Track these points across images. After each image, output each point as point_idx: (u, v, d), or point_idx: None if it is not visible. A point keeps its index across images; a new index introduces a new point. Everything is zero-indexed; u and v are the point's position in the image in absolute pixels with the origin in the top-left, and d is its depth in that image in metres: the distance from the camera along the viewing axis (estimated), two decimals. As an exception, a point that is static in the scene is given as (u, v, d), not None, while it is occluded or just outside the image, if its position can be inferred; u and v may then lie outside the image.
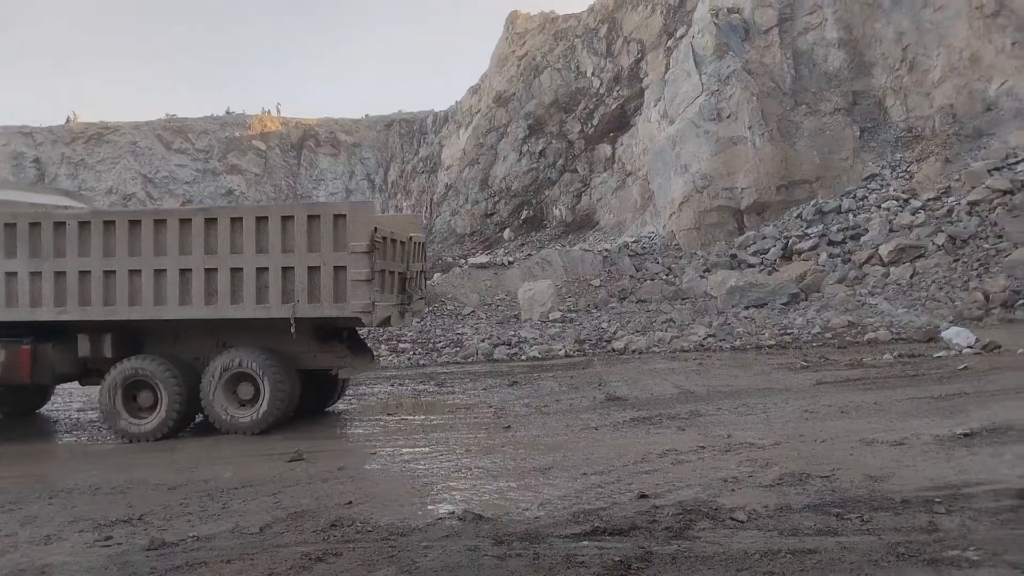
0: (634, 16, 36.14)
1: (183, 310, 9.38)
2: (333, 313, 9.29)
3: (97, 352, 9.80)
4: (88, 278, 9.41)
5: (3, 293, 9.52)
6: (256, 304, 9.28)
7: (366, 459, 8.04)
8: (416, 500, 6.28)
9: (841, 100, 26.77)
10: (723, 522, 5.29)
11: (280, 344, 9.62)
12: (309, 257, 9.18)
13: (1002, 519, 5.06)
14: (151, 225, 9.39)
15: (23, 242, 9.46)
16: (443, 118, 47.25)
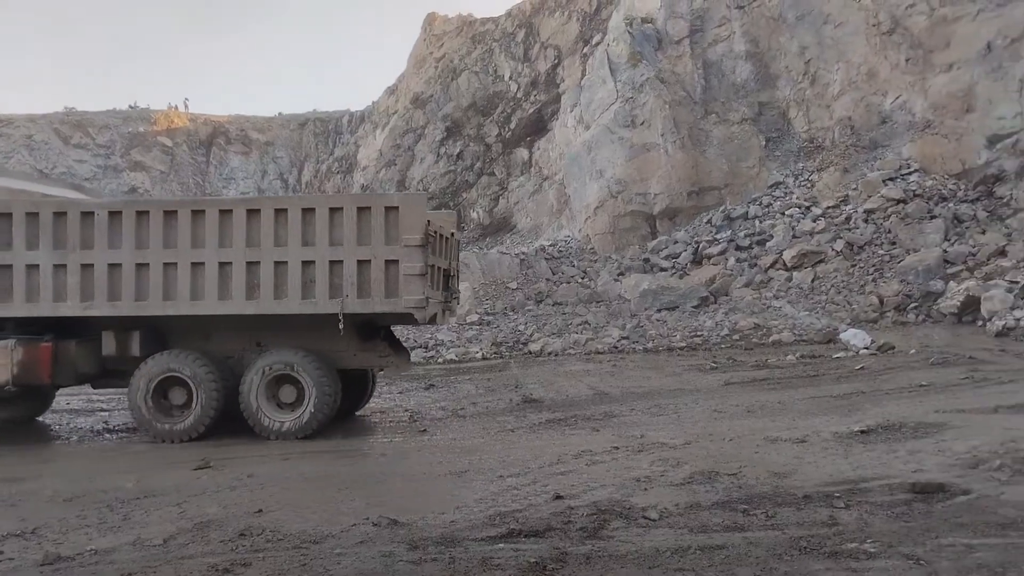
0: (551, 22, 36.55)
1: (222, 305, 8.86)
2: (384, 309, 8.86)
3: (123, 350, 9.20)
4: (118, 271, 8.85)
5: (23, 286, 8.89)
6: (301, 299, 8.81)
7: (277, 465, 7.82)
8: (329, 506, 6.15)
9: (748, 110, 27.74)
10: (636, 521, 5.38)
11: (319, 343, 9.13)
12: (359, 250, 8.76)
13: (896, 512, 5.32)
14: (188, 216, 8.88)
15: (46, 232, 8.85)
16: (359, 118, 46.62)
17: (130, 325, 9.13)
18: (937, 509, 5.32)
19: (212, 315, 8.97)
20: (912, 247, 20.49)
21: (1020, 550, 4.47)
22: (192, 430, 8.99)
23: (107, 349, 9.25)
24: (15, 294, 8.93)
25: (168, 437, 8.99)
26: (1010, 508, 5.20)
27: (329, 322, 8.75)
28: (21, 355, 9.00)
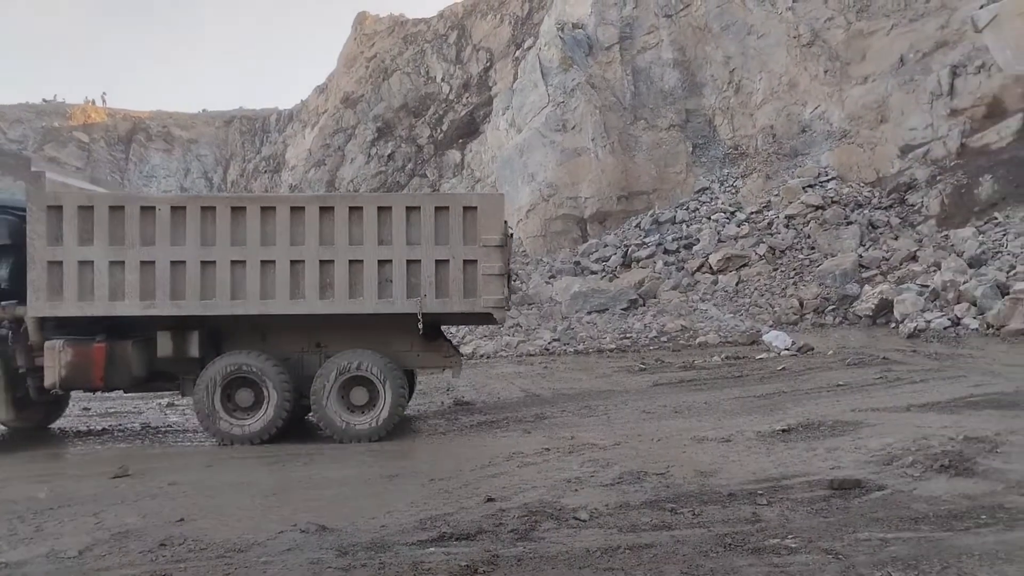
0: (483, 25, 36.63)
1: (294, 305, 8.60)
2: (463, 309, 8.80)
3: (180, 351, 8.76)
4: (181, 269, 8.45)
5: (75, 284, 8.34)
6: (378, 299, 8.64)
7: (200, 473, 7.59)
8: (255, 513, 6.01)
9: (675, 117, 28.34)
10: (566, 522, 5.43)
11: (381, 343, 9.02)
12: (437, 250, 8.68)
13: (816, 508, 5.51)
14: (257, 213, 8.57)
15: (102, 227, 8.37)
16: (288, 117, 45.76)
17: (188, 325, 8.77)
18: (854, 505, 5.53)
19: (270, 315, 8.70)
20: (830, 252, 21.27)
21: (931, 543, 4.68)
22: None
23: (163, 350, 8.80)
24: (66, 292, 8.40)
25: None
26: (922, 503, 5.44)
27: (393, 322, 8.81)
28: (70, 356, 8.50)
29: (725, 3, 28.60)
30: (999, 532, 4.80)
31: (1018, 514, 5.09)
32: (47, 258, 8.35)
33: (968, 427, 7.32)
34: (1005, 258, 17.37)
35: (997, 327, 14.43)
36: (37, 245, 8.35)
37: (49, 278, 8.36)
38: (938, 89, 23.16)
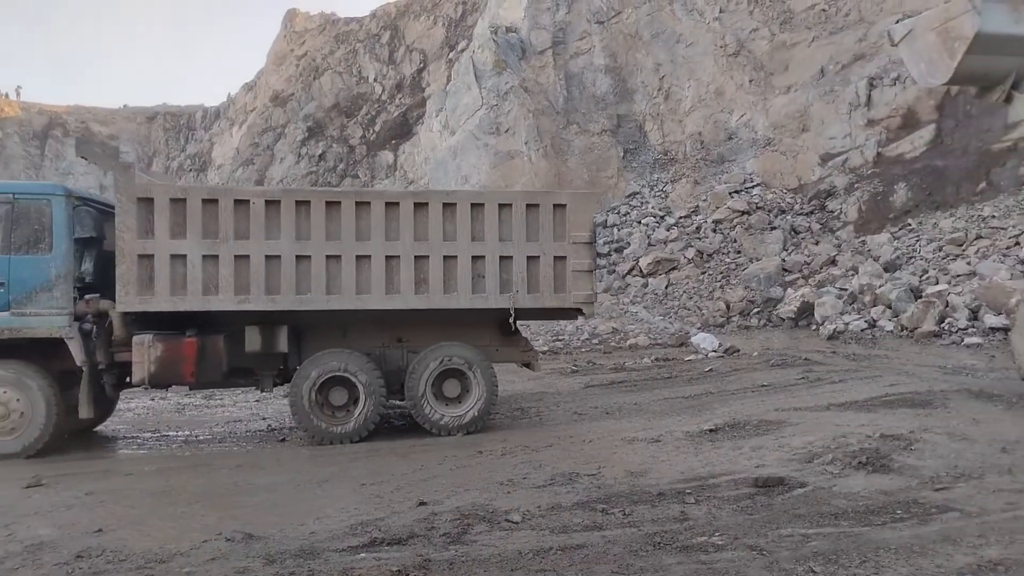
0: (417, 26, 36.45)
1: (389, 300, 8.62)
2: (554, 304, 9.01)
3: (269, 346, 8.61)
4: (276, 263, 8.35)
5: (167, 278, 8.14)
6: (472, 294, 8.75)
7: (119, 481, 7.31)
8: (178, 522, 5.82)
9: (607, 122, 28.75)
10: (499, 524, 5.43)
11: (461, 338, 9.10)
12: (528, 246, 8.85)
13: (741, 506, 5.65)
14: (352, 208, 8.55)
15: (195, 221, 8.20)
16: (214, 114, 44.62)
17: (277, 320, 8.62)
18: (777, 502, 5.69)
19: (351, 310, 8.66)
20: (755, 256, 21.90)
21: (851, 538, 4.85)
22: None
23: (251, 345, 8.58)
24: (157, 286, 8.16)
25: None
26: (841, 499, 5.63)
27: (472, 317, 9.00)
28: (160, 351, 8.22)
29: (655, 11, 29.18)
30: (914, 526, 5.01)
31: (931, 509, 5.32)
32: (137, 251, 8.13)
33: (884, 425, 7.62)
34: (918, 263, 18.19)
35: (910, 329, 15.08)
36: (127, 238, 8.11)
37: (139, 272, 8.15)
38: (856, 100, 24.12)
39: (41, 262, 8.11)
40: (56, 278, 8.14)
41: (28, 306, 8.08)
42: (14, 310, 8.05)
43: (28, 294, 8.08)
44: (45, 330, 8.14)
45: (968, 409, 8.26)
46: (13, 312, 8.05)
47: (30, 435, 8.17)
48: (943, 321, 14.80)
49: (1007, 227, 17.99)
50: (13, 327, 8.06)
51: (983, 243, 17.78)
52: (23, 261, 8.09)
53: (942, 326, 14.69)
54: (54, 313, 8.14)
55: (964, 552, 4.51)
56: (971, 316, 14.66)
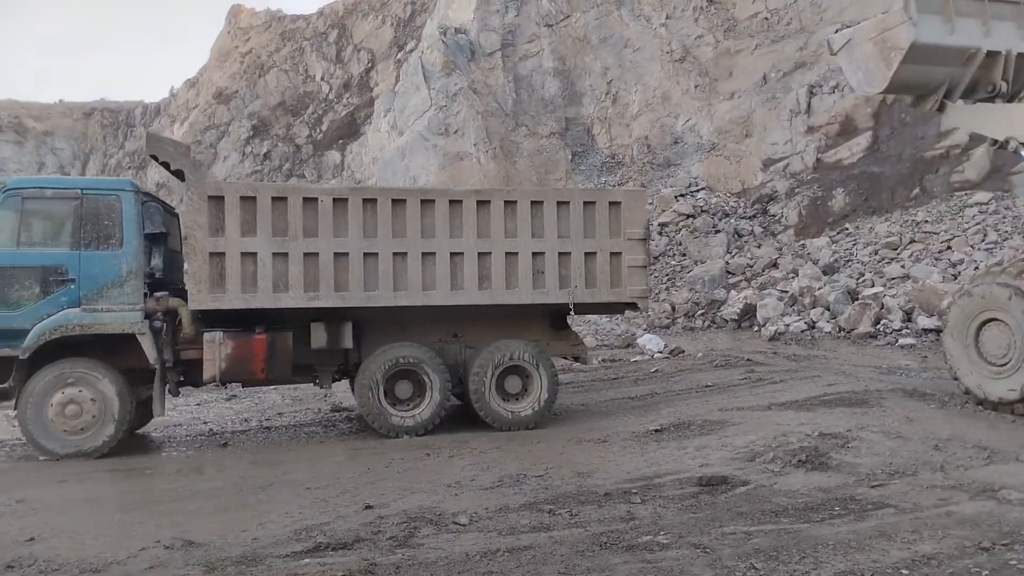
0: (364, 25, 36.13)
1: (453, 296, 8.76)
2: (610, 299, 9.27)
3: (335, 343, 8.64)
4: (344, 261, 8.42)
5: (237, 276, 8.10)
6: (533, 290, 8.94)
7: (52, 489, 7.04)
8: (114, 530, 5.64)
9: (556, 125, 28.93)
10: (446, 527, 5.40)
11: (515, 333, 9.25)
12: (585, 243, 9.07)
13: (686, 504, 5.73)
14: (417, 206, 8.67)
15: (264, 218, 8.19)
16: (155, 110, 43.52)
17: (342, 316, 8.65)
18: (721, 500, 5.79)
19: (410, 307, 8.73)
20: (700, 258, 22.27)
21: (791, 535, 4.96)
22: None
23: (317, 342, 8.58)
24: (228, 284, 8.10)
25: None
26: (782, 497, 5.76)
27: (524, 312, 9.23)
28: (231, 349, 8.21)
29: (603, 16, 29.47)
30: (851, 522, 5.15)
31: (867, 505, 5.47)
32: (208, 249, 8.07)
33: (823, 424, 7.82)
34: (855, 266, 18.74)
35: (847, 330, 15.52)
36: (198, 236, 8.06)
37: (210, 270, 8.08)
38: (797, 107, 24.73)
39: (112, 258, 8.01)
40: (127, 274, 8.04)
41: (99, 302, 7.94)
42: (85, 306, 7.90)
43: (99, 290, 7.95)
44: (118, 326, 8.01)
45: (902, 408, 8.52)
46: (84, 308, 7.90)
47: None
48: (879, 322, 15.26)
49: (939, 232, 18.65)
50: (85, 323, 7.89)
51: (916, 247, 18.41)
52: (94, 257, 7.96)
53: (878, 327, 15.15)
54: (126, 309, 8.02)
55: (899, 547, 4.65)
56: (905, 318, 15.15)
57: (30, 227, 7.99)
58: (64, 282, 7.87)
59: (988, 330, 8.34)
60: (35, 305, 7.81)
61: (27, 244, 7.92)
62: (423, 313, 8.94)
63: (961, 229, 18.23)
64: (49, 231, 8.06)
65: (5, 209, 7.87)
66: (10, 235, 7.87)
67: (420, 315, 8.99)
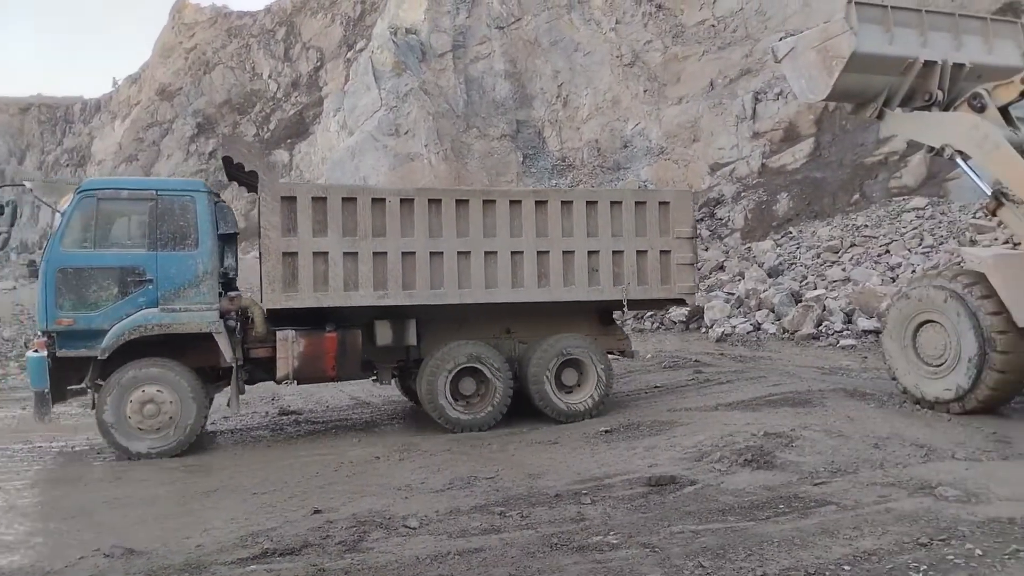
0: (313, 23, 35.68)
1: (514, 293, 9.04)
2: (661, 295, 9.68)
3: (400, 340, 8.92)
4: (411, 260, 8.66)
5: (310, 275, 8.29)
6: (588, 287, 9.28)
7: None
8: (51, 539, 5.46)
9: (507, 127, 28.98)
10: (396, 530, 5.36)
11: (564, 329, 9.55)
12: (637, 241, 9.42)
13: (635, 504, 5.78)
14: (480, 206, 8.95)
15: (335, 219, 8.40)
16: (95, 107, 42.30)
17: (406, 314, 8.90)
18: (669, 500, 5.86)
19: (465, 304, 8.95)
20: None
21: (737, 533, 5.04)
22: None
23: (383, 339, 8.83)
24: (301, 283, 8.30)
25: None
26: (729, 496, 5.85)
27: (573, 309, 9.56)
28: (303, 347, 8.42)
29: (554, 20, 29.63)
30: (795, 520, 5.26)
31: (811, 503, 5.59)
32: (282, 249, 8.25)
33: (768, 424, 7.96)
34: (798, 269, 19.16)
35: (791, 331, 15.85)
36: (272, 236, 8.23)
37: (283, 269, 8.26)
38: (743, 113, 25.21)
39: (188, 258, 8.09)
40: (203, 274, 8.13)
41: (176, 302, 8.03)
42: (163, 306, 7.99)
43: (176, 290, 8.04)
44: (195, 326, 8.09)
45: (843, 407, 8.73)
46: (162, 308, 7.98)
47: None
48: (821, 324, 15.62)
49: (878, 236, 19.18)
50: (164, 323, 7.97)
51: (857, 251, 18.90)
52: (170, 258, 8.05)
53: (820, 329, 15.51)
54: (204, 309, 8.12)
55: (841, 544, 4.76)
56: (846, 319, 15.54)
57: (106, 228, 8.01)
58: (142, 282, 7.94)
59: (925, 331, 8.60)
60: (114, 306, 7.85)
61: (103, 245, 7.95)
62: (478, 310, 9.23)
63: (899, 233, 18.78)
64: (125, 232, 8.11)
65: (80, 211, 7.88)
66: (86, 236, 7.90)
67: (475, 312, 9.28)
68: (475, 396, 9.13)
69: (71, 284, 7.78)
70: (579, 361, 9.44)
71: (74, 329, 7.78)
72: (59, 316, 7.74)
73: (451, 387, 8.95)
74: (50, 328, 7.77)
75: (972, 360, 7.99)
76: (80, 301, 7.78)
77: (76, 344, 7.83)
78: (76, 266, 7.81)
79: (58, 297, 7.75)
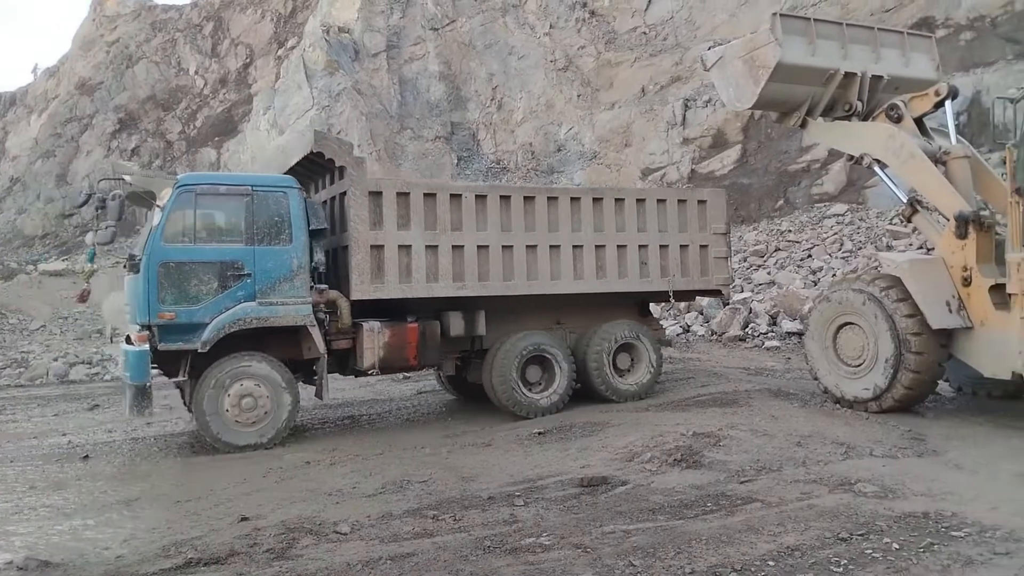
0: (243, 19, 34.88)
1: (575, 284, 9.65)
2: (700, 286, 10.52)
3: (471, 330, 9.33)
4: (485, 253, 9.14)
5: (395, 267, 8.68)
6: (640, 279, 10.01)
7: None
8: (-42, 554, 5.18)
9: (441, 129, 28.88)
10: (327, 536, 5.27)
11: (606, 319, 10.15)
12: (680, 236, 10.23)
13: (568, 505, 5.82)
14: (545, 202, 9.54)
15: (417, 213, 8.80)
16: (9, 100, 40.40)
17: (476, 306, 9.29)
18: (601, 500, 5.92)
19: (527, 295, 9.44)
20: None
21: (667, 531, 5.13)
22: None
23: (455, 329, 9.17)
24: (387, 275, 8.67)
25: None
26: (659, 495, 5.95)
27: (615, 300, 10.17)
28: (387, 337, 8.74)
29: (488, 23, 29.69)
30: (722, 517, 5.38)
31: (737, 501, 5.73)
32: (370, 242, 8.56)
33: (696, 424, 8.13)
34: (726, 272, 19.60)
35: (719, 334, 16.25)
36: (360, 230, 8.52)
37: (371, 262, 8.57)
38: (673, 119, 25.72)
39: (283, 253, 8.24)
40: (297, 269, 8.30)
41: (272, 296, 8.18)
42: (260, 300, 8.12)
43: (272, 284, 8.18)
44: (291, 319, 8.28)
45: (768, 407, 8.98)
46: (259, 302, 8.11)
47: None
48: (747, 326, 16.06)
49: (801, 240, 19.83)
50: (261, 316, 8.13)
51: (781, 255, 19.50)
52: (267, 252, 8.18)
53: (746, 331, 15.94)
54: (299, 302, 8.30)
55: (765, 540, 4.89)
56: (771, 321, 16.01)
57: (204, 223, 8.09)
58: (240, 276, 8.05)
59: (844, 333, 8.92)
60: (214, 299, 7.94)
61: (203, 240, 8.03)
62: (534, 302, 9.75)
63: (821, 238, 19.45)
64: (223, 227, 8.19)
65: (180, 205, 7.90)
66: (185, 231, 7.93)
67: (532, 304, 9.77)
68: (539, 383, 9.64)
69: (173, 278, 7.82)
70: (633, 346, 10.16)
71: (174, 323, 7.81)
72: (161, 310, 7.75)
73: (520, 374, 9.43)
74: (152, 322, 7.75)
75: (889, 361, 8.32)
76: (182, 295, 7.83)
77: (175, 338, 7.87)
78: (178, 260, 7.84)
79: (160, 291, 7.75)
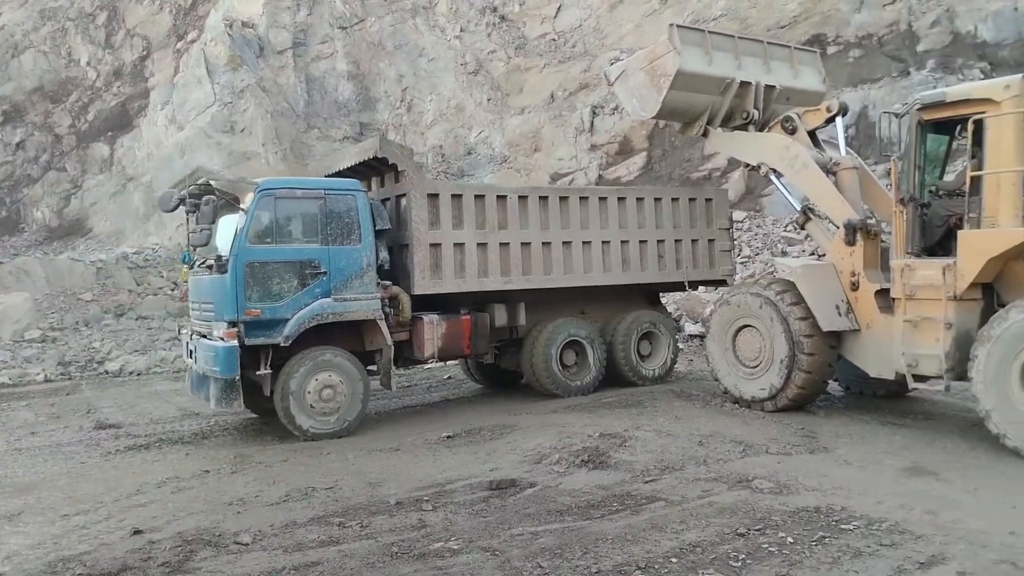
0: (139, 10, 33.41)
1: (603, 277, 10.55)
2: (709, 277, 11.54)
3: (513, 321, 10.17)
4: (527, 249, 9.92)
5: (451, 263, 9.38)
6: (658, 271, 10.97)
7: None
8: None
9: (350, 129, 28.42)
10: (227, 547, 5.10)
11: (622, 309, 11.12)
12: (691, 232, 11.21)
13: (477, 509, 5.83)
14: (577, 201, 10.39)
15: (470, 213, 9.53)
16: None
17: (517, 298, 10.12)
18: (510, 503, 5.95)
19: (556, 288, 10.21)
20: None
21: (574, 532, 5.20)
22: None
23: (500, 320, 10.02)
24: (444, 271, 9.37)
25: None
26: (567, 496, 6.03)
27: (629, 292, 11.09)
28: (444, 328, 9.46)
29: (398, 23, 29.45)
30: (627, 517, 5.50)
31: (642, 500, 5.87)
32: (429, 241, 9.27)
33: (603, 425, 8.30)
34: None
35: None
36: (421, 229, 9.23)
37: (430, 259, 9.27)
38: (581, 125, 26.13)
39: (354, 252, 8.85)
40: (366, 266, 8.92)
41: (345, 292, 8.78)
42: (335, 296, 8.70)
43: (346, 281, 8.78)
44: (363, 314, 8.91)
45: (672, 408, 9.25)
46: (335, 298, 8.70)
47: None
48: (653, 329, 16.42)
49: (703, 246, 20.44)
50: (336, 311, 8.74)
51: (685, 260, 20.05)
52: (340, 252, 8.78)
53: (652, 333, 16.30)
54: (368, 298, 8.92)
55: (669, 537, 5.03)
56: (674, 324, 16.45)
57: (284, 225, 8.63)
58: (318, 274, 8.63)
59: (743, 335, 9.27)
60: (295, 296, 8.53)
61: (283, 240, 8.60)
62: (563, 294, 10.52)
63: (721, 244, 20.13)
64: (300, 228, 8.72)
65: (261, 208, 8.46)
66: (267, 232, 8.50)
67: (559, 295, 10.48)
68: (574, 366, 10.54)
69: (258, 277, 8.37)
70: (653, 334, 11.21)
71: (259, 319, 8.34)
72: (248, 307, 8.29)
73: (560, 358, 10.31)
74: (241, 318, 8.25)
75: (783, 361, 8.70)
76: (266, 293, 8.39)
77: (259, 333, 8.39)
78: (262, 260, 8.41)
79: (247, 289, 8.28)
